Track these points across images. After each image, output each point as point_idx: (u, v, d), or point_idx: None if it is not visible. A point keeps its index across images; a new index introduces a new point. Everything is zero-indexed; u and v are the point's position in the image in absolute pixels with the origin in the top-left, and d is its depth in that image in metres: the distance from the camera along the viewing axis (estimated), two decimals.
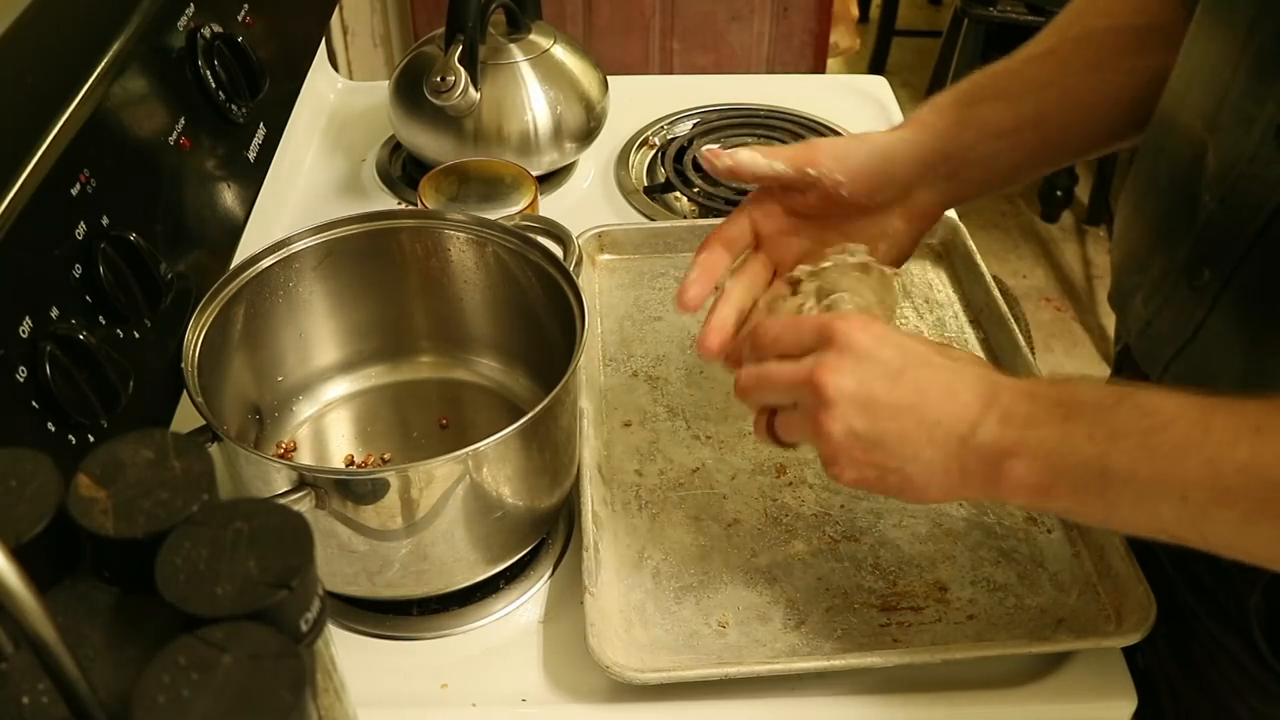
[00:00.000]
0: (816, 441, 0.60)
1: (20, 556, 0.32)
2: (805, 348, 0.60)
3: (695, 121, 1.23)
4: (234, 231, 0.87)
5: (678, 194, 1.13)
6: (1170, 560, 0.72)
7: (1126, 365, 0.75)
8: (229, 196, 0.86)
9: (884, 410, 0.57)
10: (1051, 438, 0.54)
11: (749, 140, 1.19)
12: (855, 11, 2.56)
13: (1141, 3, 0.73)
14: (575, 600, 0.72)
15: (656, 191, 1.13)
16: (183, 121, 0.79)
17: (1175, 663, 0.73)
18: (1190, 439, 0.51)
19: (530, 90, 1.08)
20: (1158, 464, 0.52)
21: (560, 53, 1.11)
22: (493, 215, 0.88)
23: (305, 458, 0.82)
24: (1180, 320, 0.64)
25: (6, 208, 0.58)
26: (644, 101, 1.25)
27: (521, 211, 0.97)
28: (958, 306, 0.96)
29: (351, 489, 0.66)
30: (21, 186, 0.60)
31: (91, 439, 0.62)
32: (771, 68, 2.07)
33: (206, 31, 0.83)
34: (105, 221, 0.67)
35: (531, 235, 0.80)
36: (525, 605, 0.75)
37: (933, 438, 0.56)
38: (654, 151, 1.19)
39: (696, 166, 1.15)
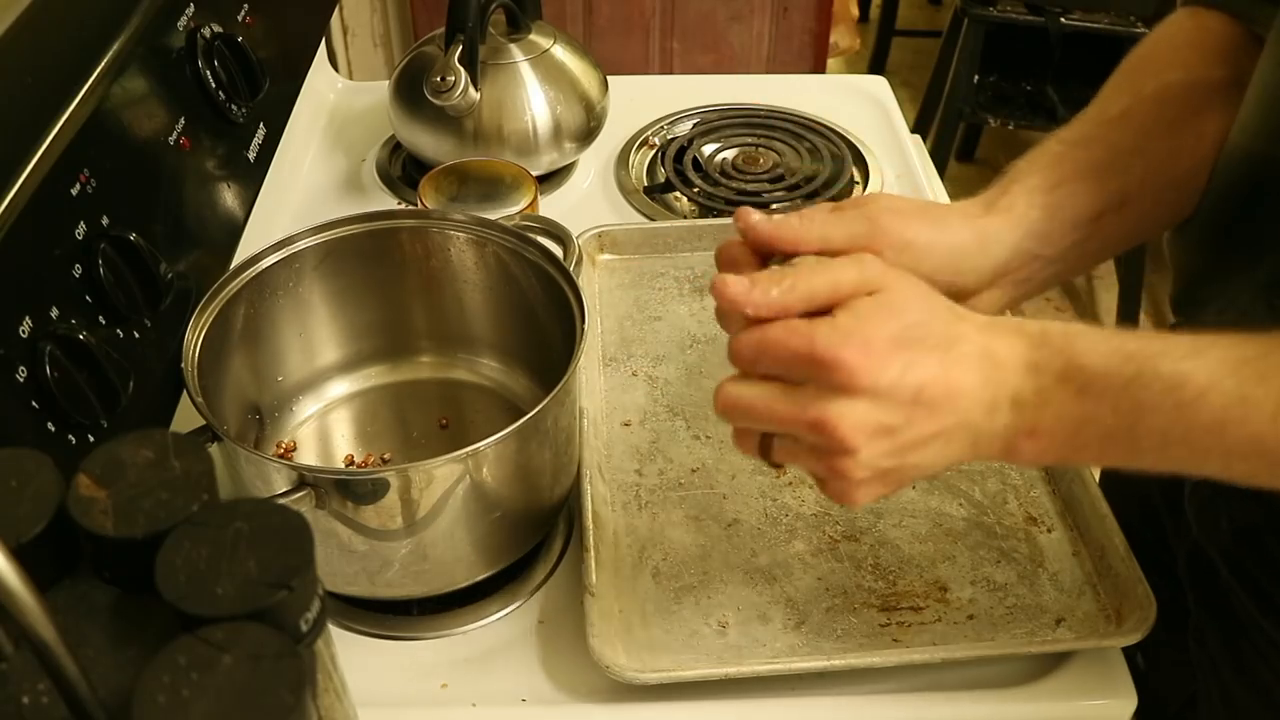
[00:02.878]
0: (830, 480, 0.55)
1: (20, 556, 0.32)
2: (796, 374, 0.53)
3: (695, 121, 1.23)
4: (234, 231, 0.87)
5: (678, 194, 1.13)
6: (1229, 568, 0.71)
7: None
8: (229, 196, 0.86)
9: (906, 441, 0.53)
10: (1069, 415, 0.53)
11: (749, 140, 1.19)
12: (855, 11, 2.56)
13: (1209, 52, 0.69)
14: (575, 600, 0.72)
15: (656, 191, 1.13)
16: (183, 121, 0.79)
17: (1229, 667, 0.73)
18: (1229, 413, 0.50)
19: (530, 90, 1.08)
20: (1194, 436, 0.51)
21: (560, 53, 1.11)
22: (493, 215, 0.88)
23: (305, 458, 0.82)
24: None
25: (6, 208, 0.59)
26: (644, 101, 1.25)
27: (521, 211, 0.97)
28: None
29: (351, 489, 0.66)
30: (21, 186, 0.60)
31: (91, 439, 0.62)
32: (771, 68, 2.07)
33: (206, 31, 0.83)
34: (105, 221, 0.67)
35: (531, 235, 0.80)
36: (525, 605, 0.75)
37: (950, 439, 0.54)
38: (654, 151, 1.19)
39: (696, 166, 1.15)
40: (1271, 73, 0.62)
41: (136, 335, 0.69)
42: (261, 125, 0.92)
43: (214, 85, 0.84)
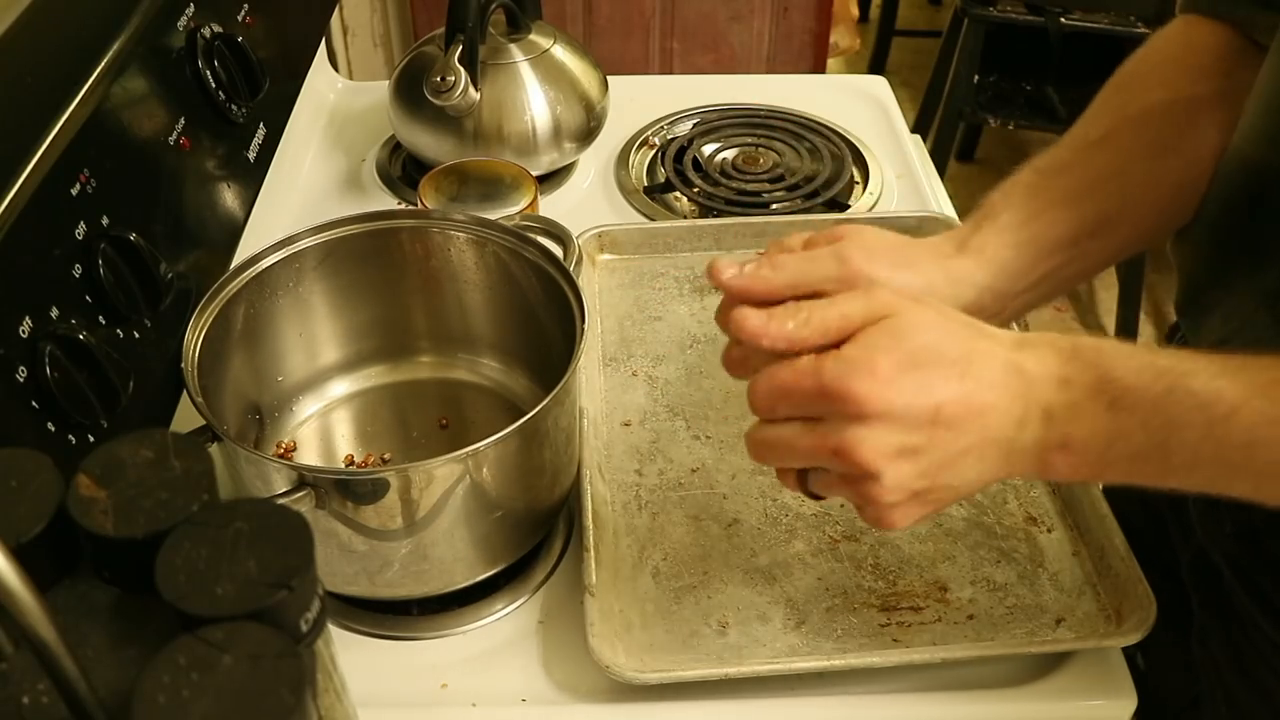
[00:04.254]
0: (865, 506, 0.56)
1: (20, 556, 0.32)
2: (813, 410, 0.54)
3: (695, 121, 1.23)
4: (234, 231, 0.87)
5: (678, 194, 1.13)
6: (1231, 569, 0.72)
7: None
8: (229, 196, 0.86)
9: (934, 461, 0.53)
10: (1100, 430, 0.53)
11: (749, 140, 1.19)
12: (855, 11, 2.56)
13: (1198, 68, 0.69)
14: (575, 600, 0.72)
15: (656, 191, 1.13)
16: (183, 121, 0.79)
17: (1233, 670, 0.73)
18: (1259, 432, 0.50)
19: (530, 90, 1.08)
20: (1225, 453, 0.51)
21: (560, 53, 1.11)
22: (493, 215, 0.88)
23: (305, 458, 0.82)
24: (1260, 347, 0.60)
25: (6, 208, 0.59)
26: (644, 101, 1.25)
27: (521, 211, 0.97)
28: None
29: (351, 489, 0.66)
30: (21, 186, 0.60)
31: (91, 439, 0.62)
32: (771, 68, 2.07)
33: (206, 31, 0.83)
34: (105, 221, 0.67)
35: (531, 235, 0.80)
36: (525, 605, 0.75)
37: (981, 456, 0.54)
38: (654, 151, 1.19)
39: (696, 166, 1.15)
40: (1273, 79, 0.62)
41: (136, 335, 0.69)
42: (261, 125, 0.92)
43: (214, 85, 0.84)
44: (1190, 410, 0.51)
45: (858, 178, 1.14)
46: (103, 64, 0.70)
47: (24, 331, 0.59)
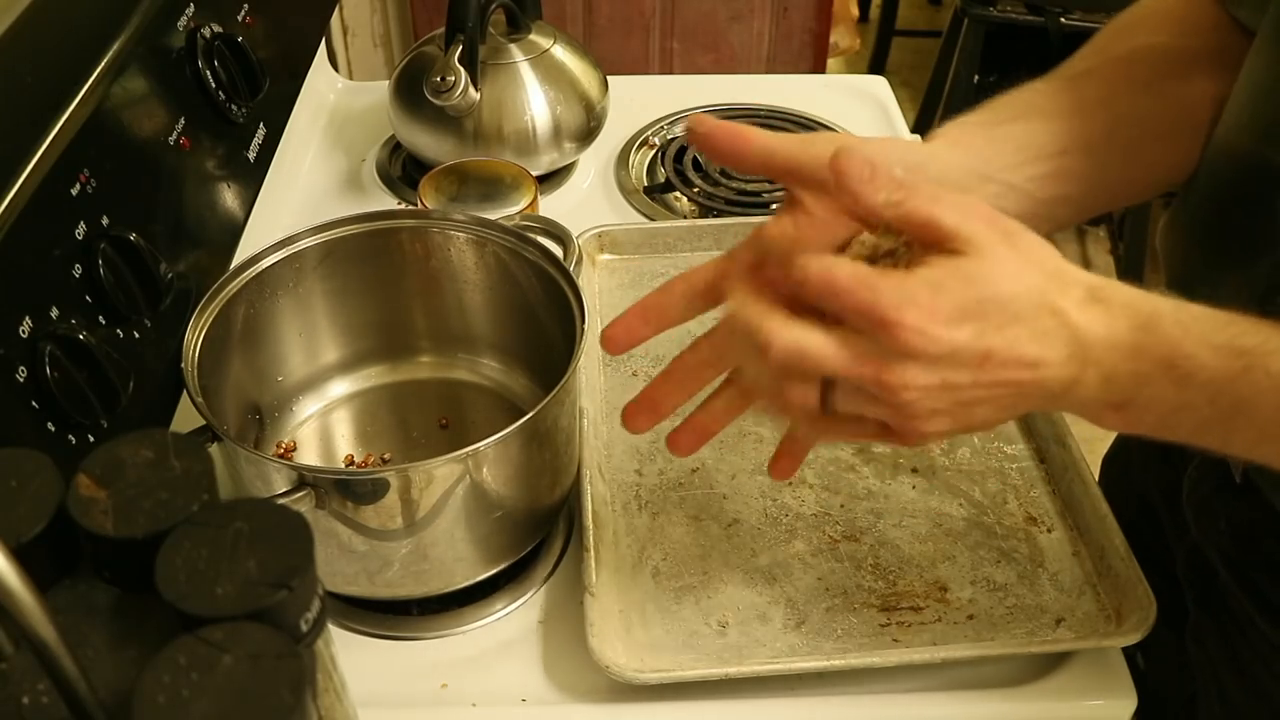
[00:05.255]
0: (893, 424, 0.53)
1: (20, 556, 0.32)
2: (855, 323, 0.50)
3: None
4: (234, 231, 0.87)
5: (678, 194, 1.13)
6: (1228, 569, 0.71)
7: None
8: (229, 196, 0.86)
9: (972, 396, 0.51)
10: (1165, 400, 0.51)
11: None
12: (855, 11, 2.56)
13: (1189, 23, 0.68)
14: (575, 600, 0.72)
15: (656, 191, 1.13)
16: (183, 121, 0.79)
17: (1228, 668, 0.73)
18: None
19: (530, 90, 1.08)
20: None
21: (560, 53, 1.11)
22: (493, 215, 0.88)
23: (305, 458, 0.82)
24: None
25: (6, 208, 0.59)
26: (644, 101, 1.25)
27: (521, 211, 0.97)
28: None
29: (351, 489, 0.66)
30: (21, 186, 0.60)
31: (91, 439, 0.62)
32: (771, 68, 2.07)
33: (206, 31, 0.83)
34: (105, 221, 0.67)
35: (531, 235, 0.80)
36: (525, 605, 0.75)
37: (1023, 399, 0.52)
38: (654, 151, 1.19)
39: (697, 166, 1.15)
40: (1260, 70, 0.62)
41: (136, 335, 0.69)
42: (261, 125, 0.92)
43: (214, 85, 0.84)
44: (1264, 391, 0.50)
45: None
46: (103, 64, 0.70)
47: (24, 331, 0.59)
